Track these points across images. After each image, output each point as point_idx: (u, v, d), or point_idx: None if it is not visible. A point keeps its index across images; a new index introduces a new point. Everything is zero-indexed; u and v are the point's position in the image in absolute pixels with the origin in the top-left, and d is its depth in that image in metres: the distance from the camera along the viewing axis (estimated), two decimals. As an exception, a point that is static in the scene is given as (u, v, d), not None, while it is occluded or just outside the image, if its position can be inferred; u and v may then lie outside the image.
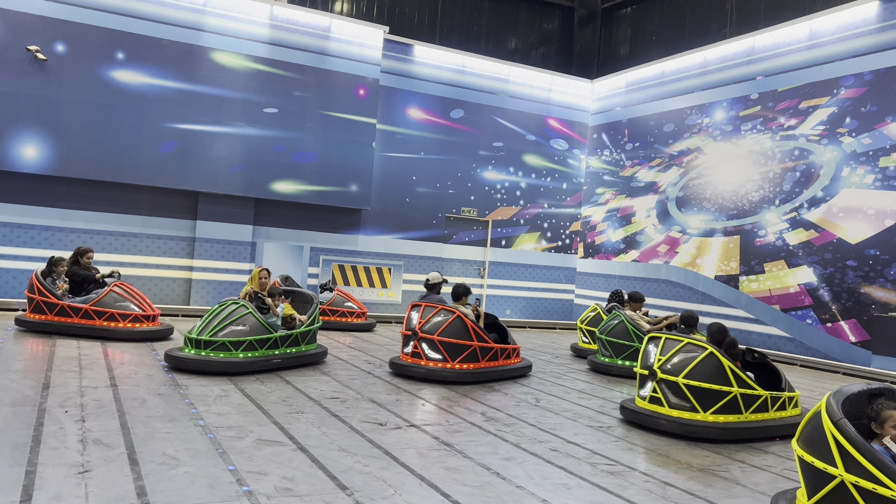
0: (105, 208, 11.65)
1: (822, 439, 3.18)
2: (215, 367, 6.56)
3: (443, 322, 7.19)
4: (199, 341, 6.71)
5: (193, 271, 12.17)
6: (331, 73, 12.95)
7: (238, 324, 6.92)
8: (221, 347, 6.72)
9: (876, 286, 10.07)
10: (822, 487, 3.18)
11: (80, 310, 8.26)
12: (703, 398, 5.44)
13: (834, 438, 3.12)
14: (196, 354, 6.64)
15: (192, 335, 6.77)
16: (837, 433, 3.11)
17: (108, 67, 11.36)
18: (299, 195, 12.73)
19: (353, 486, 3.74)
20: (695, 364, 5.49)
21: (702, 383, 5.43)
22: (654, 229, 14.07)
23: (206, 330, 6.80)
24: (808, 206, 11.13)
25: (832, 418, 3.16)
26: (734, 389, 5.46)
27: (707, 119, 13.14)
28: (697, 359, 5.51)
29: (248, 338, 6.84)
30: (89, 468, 3.68)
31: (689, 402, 5.47)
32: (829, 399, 3.28)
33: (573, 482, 4.13)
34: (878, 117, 10.32)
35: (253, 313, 7.03)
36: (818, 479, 3.21)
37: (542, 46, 16.56)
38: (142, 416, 4.85)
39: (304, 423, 4.98)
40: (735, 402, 5.49)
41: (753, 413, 5.60)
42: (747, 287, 11.96)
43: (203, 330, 6.80)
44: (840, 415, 3.16)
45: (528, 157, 15.34)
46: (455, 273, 14.70)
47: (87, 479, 3.53)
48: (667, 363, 5.63)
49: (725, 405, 5.45)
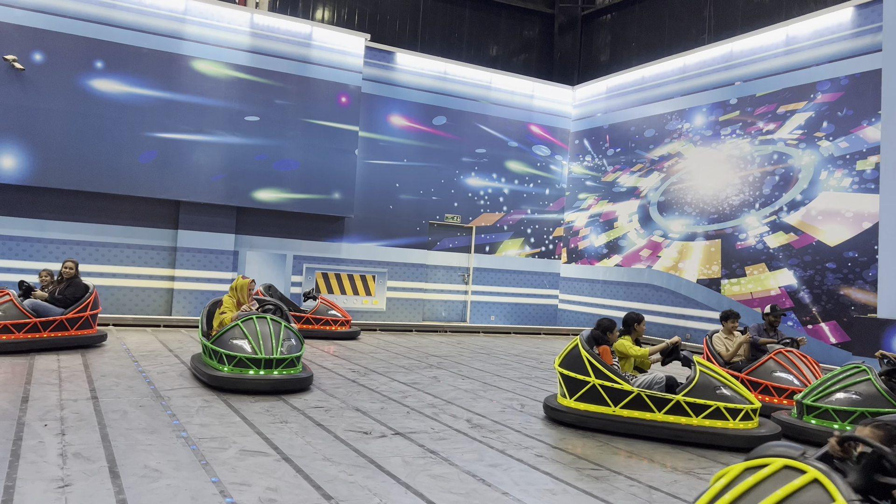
0: (85, 218, 11.53)
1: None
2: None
3: None
4: (270, 361, 6.45)
5: (175, 281, 12.06)
6: (312, 81, 12.92)
7: (293, 338, 6.90)
8: (290, 364, 6.63)
9: (855, 288, 10.20)
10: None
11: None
12: (570, 386, 5.89)
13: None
14: (268, 374, 6.43)
15: (261, 355, 6.44)
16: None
17: (87, 76, 11.26)
18: (282, 203, 12.68)
19: (339, 495, 3.72)
20: (565, 353, 6.03)
21: (568, 371, 5.87)
22: (637, 234, 14.16)
23: (272, 349, 6.52)
24: (787, 209, 11.25)
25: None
26: (591, 379, 5.71)
27: (687, 124, 13.27)
28: (566, 348, 6.07)
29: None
30: (69, 482, 3.63)
31: (561, 388, 6.03)
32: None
33: (559, 487, 4.13)
34: (854, 121, 10.47)
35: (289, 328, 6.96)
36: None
37: (523, 53, 16.65)
38: (123, 428, 4.79)
39: (287, 433, 4.95)
40: (594, 391, 5.72)
41: (667, 414, 5.54)
42: (729, 290, 12.06)
43: (269, 349, 6.52)
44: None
45: (511, 164, 15.39)
46: (440, 280, 14.69)
47: (67, 493, 3.48)
48: (563, 358, 6.13)
49: (585, 393, 5.78)
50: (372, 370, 8.14)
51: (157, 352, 8.50)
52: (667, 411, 5.51)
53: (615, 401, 5.63)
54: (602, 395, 5.66)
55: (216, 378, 6.34)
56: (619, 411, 5.61)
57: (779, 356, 7.32)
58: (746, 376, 7.28)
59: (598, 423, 5.64)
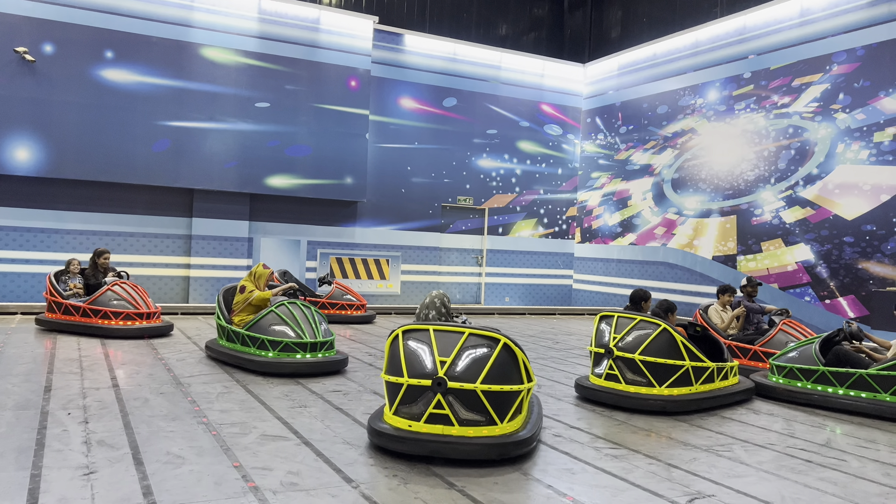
0: (100, 209, 11.62)
1: (397, 363, 4.27)
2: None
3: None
4: (315, 344, 6.73)
5: (191, 269, 12.15)
6: (322, 66, 12.88)
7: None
8: (329, 347, 6.89)
9: (873, 261, 10.09)
10: (395, 398, 4.25)
11: (80, 308, 8.48)
12: (658, 373, 5.63)
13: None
14: (313, 357, 6.67)
15: (307, 339, 6.70)
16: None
17: (98, 67, 11.28)
18: (295, 189, 12.70)
19: (359, 478, 3.75)
20: (649, 340, 5.66)
21: (657, 359, 5.60)
22: (651, 212, 14.07)
23: (314, 333, 6.83)
24: (803, 183, 11.12)
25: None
26: (686, 363, 5.67)
27: (700, 99, 13.11)
28: (652, 335, 5.67)
29: None
30: (94, 469, 3.69)
31: (644, 377, 5.66)
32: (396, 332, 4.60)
33: (577, 467, 4.14)
34: (871, 92, 10.30)
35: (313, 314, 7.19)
36: (395, 390, 4.25)
37: (532, 32, 16.49)
38: (145, 415, 4.85)
39: (307, 418, 4.99)
40: (686, 375, 5.69)
41: (702, 384, 5.82)
42: (745, 267, 11.97)
43: (312, 334, 6.81)
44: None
45: (523, 144, 15.31)
46: (453, 262, 14.70)
47: (92, 480, 3.53)
48: (622, 341, 5.77)
49: (678, 378, 5.66)
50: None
51: (176, 339, 8.58)
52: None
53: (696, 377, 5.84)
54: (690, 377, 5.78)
55: (263, 364, 6.50)
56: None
57: (786, 327, 7.73)
58: (760, 348, 7.53)
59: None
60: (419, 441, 4.02)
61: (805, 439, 5.05)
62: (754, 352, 7.63)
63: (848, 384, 5.98)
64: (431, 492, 3.60)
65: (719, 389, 6.00)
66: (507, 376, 4.20)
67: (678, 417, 5.51)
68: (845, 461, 4.52)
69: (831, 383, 6.08)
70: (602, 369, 5.90)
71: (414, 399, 4.17)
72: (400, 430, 4.11)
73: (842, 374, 6.01)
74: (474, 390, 4.07)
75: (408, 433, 4.07)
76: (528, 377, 4.34)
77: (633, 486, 3.84)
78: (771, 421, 5.60)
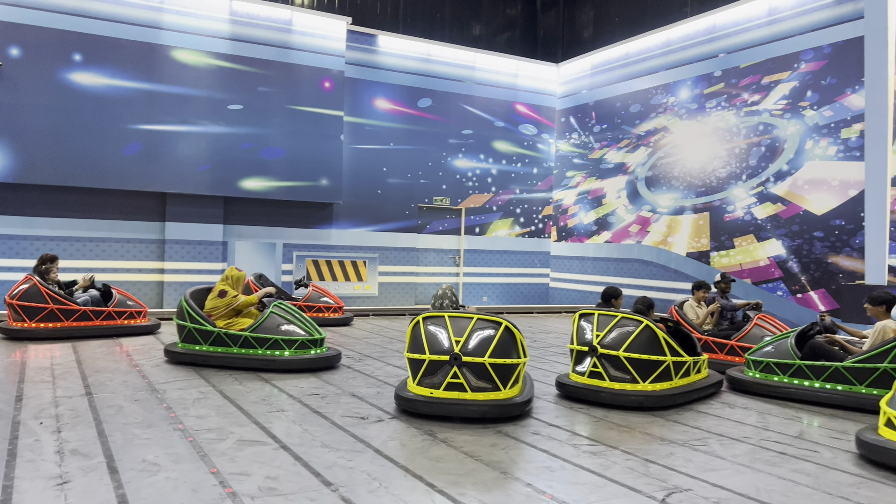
0: (71, 214, 11.43)
1: (419, 343, 5.29)
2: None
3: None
4: (321, 340, 7.29)
5: (165, 273, 12.01)
6: (295, 67, 12.81)
7: None
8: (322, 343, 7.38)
9: (842, 255, 10.28)
10: (418, 372, 5.28)
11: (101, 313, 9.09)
12: (642, 369, 5.71)
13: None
14: (323, 352, 7.25)
15: (317, 336, 7.23)
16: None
17: (66, 70, 11.11)
18: (269, 192, 12.61)
19: (338, 481, 3.74)
20: (633, 337, 5.73)
21: (641, 355, 5.68)
22: (625, 210, 14.19)
23: (315, 330, 7.33)
24: (774, 179, 11.30)
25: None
26: (668, 358, 5.75)
27: (672, 98, 13.25)
28: (635, 332, 5.74)
29: None
30: (68, 479, 3.63)
31: (629, 373, 5.72)
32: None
33: (556, 464, 4.17)
34: (838, 90, 10.49)
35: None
36: (417, 366, 5.26)
37: (506, 32, 16.54)
38: (119, 423, 4.78)
39: (285, 422, 4.96)
40: (668, 370, 5.79)
41: (680, 378, 5.93)
42: (718, 262, 12.13)
43: (316, 331, 7.34)
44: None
45: (498, 144, 15.35)
46: (431, 263, 14.70)
47: (66, 490, 3.48)
48: (605, 338, 5.83)
49: (660, 373, 5.75)
50: (367, 355, 8.16)
51: (150, 345, 8.47)
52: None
53: None
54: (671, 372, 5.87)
55: (286, 362, 6.89)
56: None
57: (761, 322, 7.85)
58: (737, 343, 7.62)
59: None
60: (441, 404, 5.04)
61: (779, 432, 5.13)
62: (731, 346, 7.73)
63: (824, 377, 6.07)
64: (411, 494, 3.59)
65: (694, 383, 6.12)
66: (508, 352, 5.20)
67: (655, 413, 5.57)
68: (818, 452, 4.60)
69: (807, 377, 6.18)
70: (585, 367, 5.93)
71: (434, 372, 5.18)
72: (425, 396, 5.13)
73: (818, 367, 6.11)
74: (483, 363, 5.07)
75: (431, 398, 5.09)
76: (524, 353, 5.34)
77: (611, 482, 3.87)
78: (745, 415, 5.68)
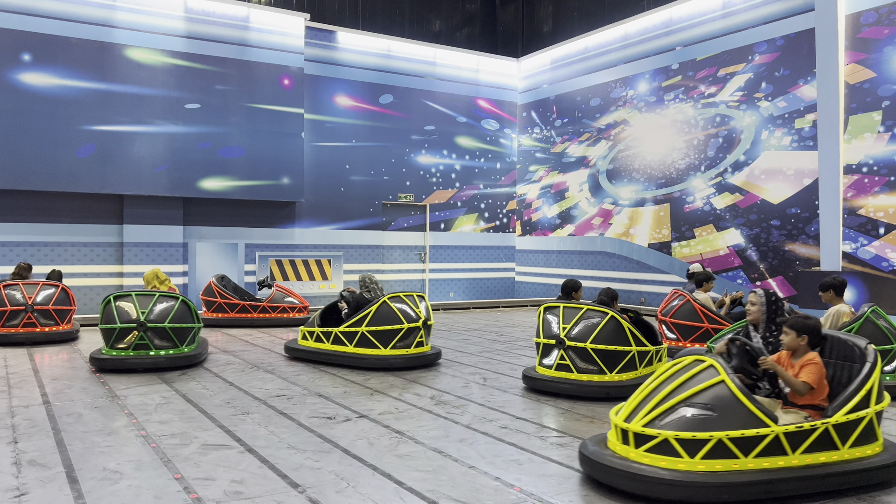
0: (23, 219, 11.12)
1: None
2: None
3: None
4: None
5: (124, 277, 11.76)
6: (253, 65, 12.63)
7: None
8: None
9: (798, 243, 10.52)
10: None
11: None
12: (608, 360, 5.77)
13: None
14: None
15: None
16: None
17: (15, 70, 10.78)
18: (229, 191, 12.43)
19: (305, 482, 3.70)
20: (599, 329, 5.78)
21: (607, 346, 5.74)
22: (588, 203, 14.32)
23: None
24: (731, 170, 11.51)
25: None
26: (633, 348, 5.84)
27: (631, 91, 13.41)
28: (601, 324, 5.80)
29: None
30: (25, 491, 3.53)
31: (596, 364, 5.78)
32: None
33: (524, 457, 4.18)
34: (791, 81, 10.72)
35: None
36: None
37: (466, 27, 16.55)
38: (79, 431, 4.66)
39: (250, 424, 4.89)
40: (633, 360, 5.87)
41: (644, 367, 6.01)
42: (679, 252, 12.32)
43: None
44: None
45: (461, 139, 15.36)
46: (396, 260, 14.65)
47: (23, 502, 3.38)
48: (572, 331, 5.86)
49: (626, 364, 5.83)
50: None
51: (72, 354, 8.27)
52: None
53: None
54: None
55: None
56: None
57: None
58: None
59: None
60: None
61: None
62: None
63: None
64: (380, 493, 3.57)
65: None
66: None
67: (620, 403, 5.62)
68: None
69: None
70: (552, 360, 5.95)
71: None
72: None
73: None
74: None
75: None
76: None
77: (578, 472, 3.90)
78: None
